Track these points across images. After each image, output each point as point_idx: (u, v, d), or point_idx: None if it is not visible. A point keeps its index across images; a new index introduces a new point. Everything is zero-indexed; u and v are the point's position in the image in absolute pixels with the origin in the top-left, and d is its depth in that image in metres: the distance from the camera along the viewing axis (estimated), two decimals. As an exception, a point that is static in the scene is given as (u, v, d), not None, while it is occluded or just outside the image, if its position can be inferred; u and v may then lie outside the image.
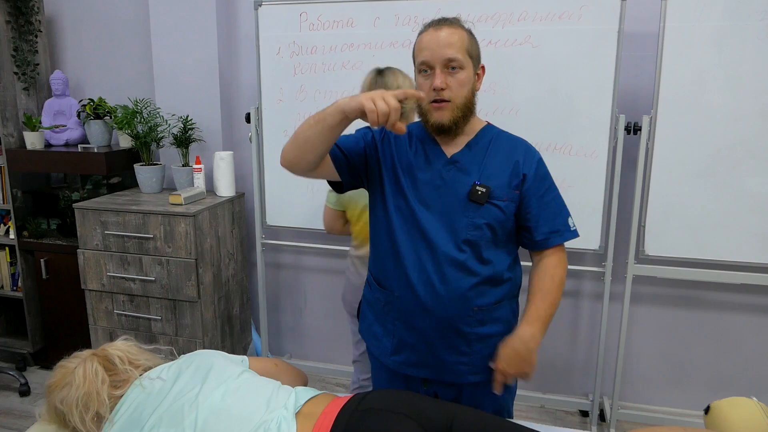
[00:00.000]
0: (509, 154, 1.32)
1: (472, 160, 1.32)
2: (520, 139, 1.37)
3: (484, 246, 1.30)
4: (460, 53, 1.24)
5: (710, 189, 2.09)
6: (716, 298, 2.38)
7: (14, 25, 2.66)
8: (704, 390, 2.48)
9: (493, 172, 1.30)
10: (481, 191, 1.28)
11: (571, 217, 1.37)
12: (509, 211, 1.31)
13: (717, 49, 1.99)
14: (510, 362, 1.28)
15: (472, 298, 1.30)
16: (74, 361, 1.26)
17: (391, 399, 1.18)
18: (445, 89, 1.24)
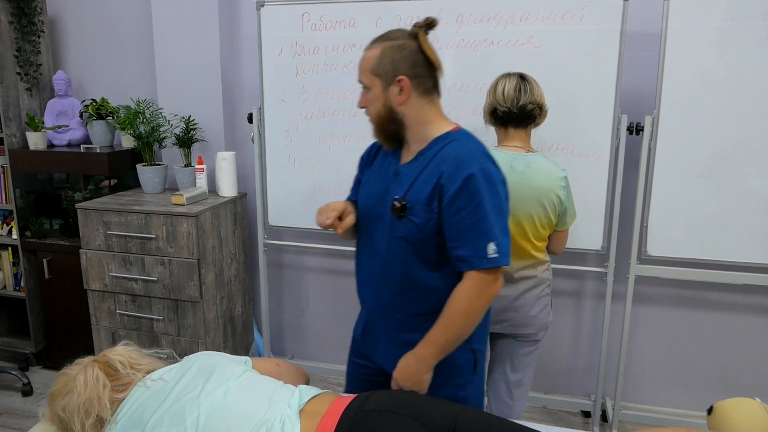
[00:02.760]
0: (437, 169, 1.26)
1: (411, 171, 1.31)
2: (463, 152, 1.25)
3: (408, 259, 1.31)
4: (364, 75, 1.30)
5: (713, 189, 2.08)
6: (719, 298, 2.38)
7: (17, 25, 2.66)
8: (707, 390, 2.48)
9: (420, 186, 1.28)
10: (397, 205, 1.29)
11: (497, 243, 1.21)
12: (428, 229, 1.27)
13: (719, 49, 1.99)
14: (403, 376, 1.33)
15: (396, 305, 1.36)
16: (75, 368, 1.27)
17: (394, 400, 1.18)
18: (364, 107, 1.34)
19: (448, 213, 1.24)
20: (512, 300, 1.75)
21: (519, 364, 1.84)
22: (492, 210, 1.22)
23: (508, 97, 1.70)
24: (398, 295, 1.35)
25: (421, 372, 1.30)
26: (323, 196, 2.48)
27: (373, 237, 1.39)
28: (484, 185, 1.22)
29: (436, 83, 1.32)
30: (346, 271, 2.78)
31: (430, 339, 1.28)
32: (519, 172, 1.69)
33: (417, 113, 1.30)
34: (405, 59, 1.27)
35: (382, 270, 1.36)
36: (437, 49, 2.25)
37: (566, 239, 1.85)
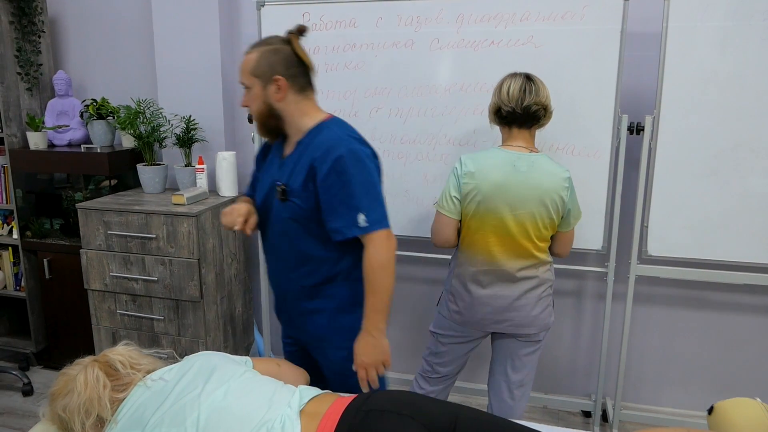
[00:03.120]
0: (312, 152, 1.43)
1: (292, 160, 1.48)
2: (332, 136, 1.42)
3: (298, 236, 1.49)
4: (244, 77, 1.46)
5: (713, 189, 2.08)
6: (719, 298, 2.38)
7: (17, 25, 2.67)
8: (707, 390, 2.48)
9: (298, 171, 1.45)
10: (279, 190, 1.47)
11: (366, 213, 1.39)
12: (309, 207, 1.44)
13: (720, 49, 1.99)
14: (364, 353, 1.43)
15: (296, 279, 1.53)
16: (76, 368, 1.27)
17: (394, 400, 1.18)
18: (247, 106, 1.49)
19: (321, 191, 1.41)
20: (514, 300, 1.75)
21: (520, 365, 1.84)
22: (359, 185, 1.39)
23: (512, 97, 1.70)
24: (296, 270, 1.52)
25: (379, 341, 1.42)
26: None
27: (270, 224, 1.55)
28: (352, 163, 1.39)
29: (310, 81, 1.49)
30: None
31: (369, 309, 1.42)
32: (522, 172, 1.69)
33: (294, 108, 1.47)
34: (280, 61, 1.43)
35: (280, 251, 1.54)
36: (437, 49, 2.27)
37: (571, 241, 1.85)
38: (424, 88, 2.27)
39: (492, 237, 1.73)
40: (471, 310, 1.79)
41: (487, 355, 2.66)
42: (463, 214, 1.77)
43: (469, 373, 2.71)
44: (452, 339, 1.88)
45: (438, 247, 1.86)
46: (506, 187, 1.69)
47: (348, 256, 1.51)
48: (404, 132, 2.33)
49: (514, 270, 1.74)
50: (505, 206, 1.70)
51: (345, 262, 1.51)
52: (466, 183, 1.73)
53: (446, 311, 1.86)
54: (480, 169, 1.72)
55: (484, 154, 1.75)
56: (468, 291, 1.79)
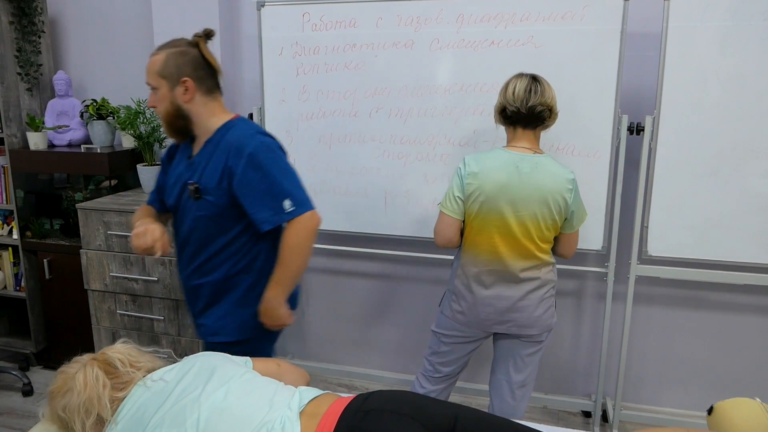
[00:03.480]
0: (223, 152, 1.49)
1: (202, 159, 1.53)
2: (241, 134, 1.49)
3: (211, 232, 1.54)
4: (151, 78, 1.49)
5: (713, 189, 2.08)
6: (719, 298, 2.38)
7: (17, 25, 2.67)
8: (707, 391, 2.48)
9: (211, 170, 1.50)
10: (192, 188, 1.52)
11: (291, 198, 1.46)
12: (222, 204, 1.50)
13: (720, 49, 1.99)
14: (265, 316, 1.56)
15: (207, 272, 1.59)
16: (75, 366, 1.26)
17: (394, 399, 1.18)
18: (152, 107, 1.53)
19: (241, 187, 1.46)
20: (516, 301, 1.75)
21: (522, 365, 1.84)
22: (278, 173, 1.46)
23: (517, 97, 1.70)
24: (210, 264, 1.58)
25: (276, 308, 1.54)
26: (324, 196, 2.48)
27: (183, 222, 1.60)
28: (265, 155, 1.46)
29: (217, 83, 1.54)
30: (347, 272, 2.78)
31: (275, 280, 1.51)
32: (524, 173, 1.69)
33: (201, 109, 1.52)
34: (188, 63, 1.48)
35: (192, 248, 1.59)
36: (437, 49, 2.27)
37: (576, 242, 1.84)
38: (424, 89, 2.27)
39: (497, 237, 1.73)
40: (474, 311, 1.79)
41: (488, 355, 2.65)
42: (466, 215, 1.77)
43: (471, 373, 2.71)
44: (454, 339, 1.88)
45: (441, 248, 1.86)
46: (509, 188, 1.69)
47: (261, 250, 1.59)
48: (404, 132, 2.33)
49: (518, 270, 1.74)
50: (507, 207, 1.70)
51: (256, 256, 1.59)
52: (470, 183, 1.73)
53: (449, 311, 1.86)
54: (483, 169, 1.72)
55: (488, 154, 1.75)
56: (471, 291, 1.79)
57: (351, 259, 2.76)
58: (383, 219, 2.44)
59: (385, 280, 2.75)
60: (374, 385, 2.79)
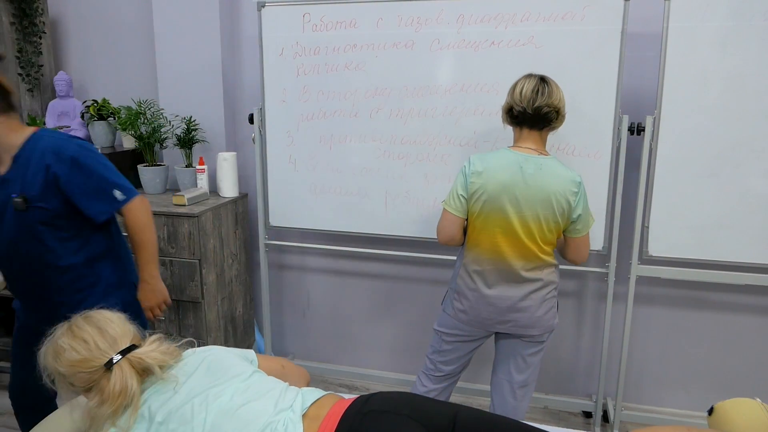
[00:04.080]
0: (41, 161, 1.54)
1: (17, 174, 1.55)
2: (56, 142, 1.56)
3: (49, 236, 1.59)
4: None
5: (714, 189, 2.08)
6: (720, 298, 2.38)
7: (18, 26, 2.67)
8: (708, 391, 2.48)
9: (32, 180, 1.54)
10: (19, 200, 1.55)
11: (118, 188, 1.61)
12: (53, 206, 1.56)
13: (720, 49, 1.98)
14: (146, 299, 1.70)
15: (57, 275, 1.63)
16: (100, 356, 1.18)
17: (393, 401, 1.19)
18: None
19: (71, 188, 1.55)
20: (517, 301, 1.75)
21: (524, 365, 1.84)
22: (102, 169, 1.59)
23: (524, 98, 1.71)
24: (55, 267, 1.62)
25: (156, 286, 1.68)
26: (324, 197, 2.48)
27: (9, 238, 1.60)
28: (86, 155, 1.57)
29: (10, 103, 1.55)
30: (347, 272, 2.79)
31: (143, 262, 1.65)
32: (528, 174, 1.69)
33: (1, 129, 1.53)
34: None
35: (32, 258, 1.61)
36: (438, 49, 2.27)
37: (586, 247, 1.81)
38: (424, 89, 2.27)
39: (500, 237, 1.73)
40: (475, 310, 1.80)
41: (489, 355, 2.66)
42: (469, 213, 1.78)
43: (472, 373, 2.71)
44: (456, 338, 1.88)
45: (443, 245, 1.87)
46: (511, 188, 1.70)
47: (101, 237, 1.69)
48: (405, 133, 2.33)
49: (520, 270, 1.74)
50: (509, 207, 1.71)
51: (101, 245, 1.69)
52: (473, 182, 1.73)
53: (451, 309, 1.87)
54: (487, 168, 1.72)
55: (493, 154, 1.76)
56: (472, 290, 1.79)
57: (351, 259, 2.76)
58: (383, 219, 2.44)
59: (386, 280, 2.75)
60: (375, 385, 2.79)
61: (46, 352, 1.22)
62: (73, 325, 1.23)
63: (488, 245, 1.76)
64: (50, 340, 1.23)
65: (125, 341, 1.21)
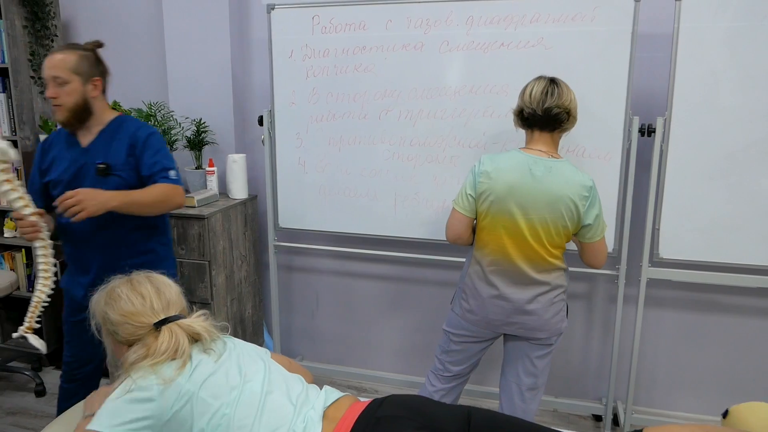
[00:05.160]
0: (125, 136, 1.82)
1: (101, 144, 1.81)
2: (138, 123, 1.87)
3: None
4: (63, 72, 1.72)
5: (725, 191, 2.07)
6: (732, 301, 2.36)
7: (31, 29, 2.70)
8: (720, 395, 2.46)
9: (116, 151, 1.80)
10: (102, 167, 1.77)
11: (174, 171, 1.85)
12: (128, 177, 1.80)
13: (731, 49, 1.97)
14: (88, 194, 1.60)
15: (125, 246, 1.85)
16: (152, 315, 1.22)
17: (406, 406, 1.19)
18: (56, 98, 1.73)
19: (142, 159, 1.81)
20: (525, 303, 1.75)
21: (532, 367, 1.83)
22: (166, 153, 1.85)
23: (534, 99, 1.70)
24: (123, 237, 1.83)
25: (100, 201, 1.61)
26: (333, 198, 2.49)
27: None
28: (158, 138, 1.86)
29: (106, 86, 1.87)
30: (356, 273, 2.79)
31: (125, 193, 1.68)
32: (536, 177, 1.69)
33: (101, 104, 1.84)
34: (95, 65, 1.82)
35: (100, 225, 1.79)
36: (447, 51, 2.27)
37: (601, 252, 1.79)
38: (433, 91, 2.28)
39: (506, 238, 1.73)
40: (483, 310, 1.80)
41: (498, 358, 2.65)
42: (477, 213, 1.78)
43: (481, 376, 2.70)
44: (464, 338, 1.88)
45: (451, 243, 1.87)
46: (519, 190, 1.69)
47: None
48: (414, 134, 2.33)
49: (527, 273, 1.74)
50: (516, 208, 1.70)
51: (155, 219, 1.90)
52: (482, 182, 1.74)
53: (459, 309, 1.87)
54: (496, 169, 1.72)
55: (504, 155, 1.76)
56: (480, 290, 1.79)
57: (360, 261, 2.76)
58: (393, 221, 2.44)
59: (395, 282, 2.75)
60: (383, 387, 2.78)
61: (99, 298, 1.27)
62: (134, 279, 1.28)
63: (495, 246, 1.76)
64: (106, 288, 1.28)
65: (176, 309, 1.26)
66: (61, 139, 1.88)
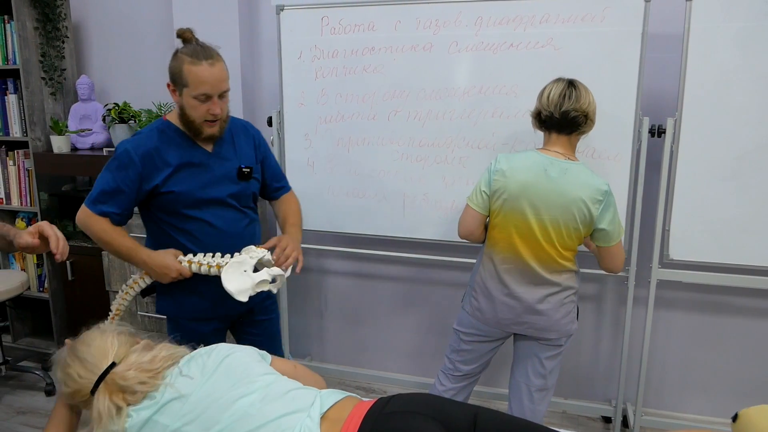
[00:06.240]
0: (245, 136, 1.79)
1: (229, 147, 1.74)
2: (245, 121, 1.84)
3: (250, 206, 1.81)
4: (227, 83, 1.63)
5: (736, 192, 2.05)
6: (743, 303, 2.34)
7: (42, 31, 2.72)
8: (730, 397, 2.44)
9: (245, 153, 1.77)
10: (246, 171, 1.74)
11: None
12: (260, 180, 1.82)
13: (742, 49, 1.96)
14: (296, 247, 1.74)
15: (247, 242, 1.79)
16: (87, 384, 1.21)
17: (414, 402, 1.19)
18: (220, 113, 1.62)
19: (267, 159, 1.85)
20: (535, 303, 1.74)
21: (541, 368, 1.83)
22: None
23: (551, 102, 1.70)
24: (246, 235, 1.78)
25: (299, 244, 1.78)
26: (342, 199, 2.49)
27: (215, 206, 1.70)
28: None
29: None
30: (365, 274, 2.79)
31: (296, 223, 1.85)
32: (551, 178, 1.69)
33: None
34: None
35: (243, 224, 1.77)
36: (456, 52, 2.27)
37: (619, 256, 1.78)
38: (442, 91, 2.27)
39: (516, 237, 1.73)
40: (492, 309, 1.80)
41: (508, 360, 2.64)
42: (490, 211, 1.79)
43: (490, 377, 2.69)
44: (474, 337, 1.88)
45: (462, 239, 1.88)
46: (532, 190, 1.69)
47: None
48: (423, 135, 2.33)
49: (538, 272, 1.73)
50: (529, 208, 1.70)
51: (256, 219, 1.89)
52: (496, 180, 1.74)
53: (469, 307, 1.87)
54: (511, 168, 1.73)
55: (520, 154, 1.76)
56: (491, 289, 1.79)
57: (369, 261, 2.76)
58: (401, 222, 2.44)
59: (404, 283, 2.75)
60: (393, 388, 2.78)
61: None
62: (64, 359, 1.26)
63: (505, 245, 1.76)
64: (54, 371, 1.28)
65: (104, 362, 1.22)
66: (169, 142, 1.66)
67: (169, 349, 1.28)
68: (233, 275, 1.60)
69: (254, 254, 1.64)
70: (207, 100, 1.58)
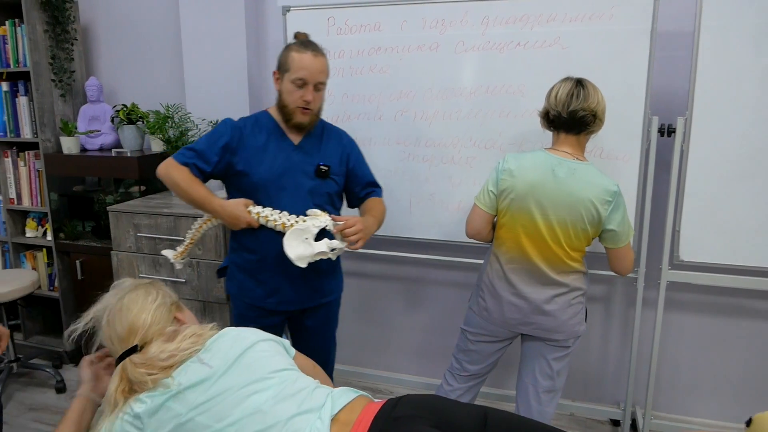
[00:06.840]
0: (336, 142, 1.85)
1: (312, 145, 1.81)
2: (340, 129, 1.91)
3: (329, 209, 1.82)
4: (325, 76, 1.73)
5: (747, 192, 2.02)
6: (755, 305, 2.31)
7: (51, 33, 2.75)
8: (742, 401, 2.40)
9: (329, 155, 1.82)
10: (324, 169, 1.78)
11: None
12: (341, 182, 1.86)
13: (754, 48, 1.93)
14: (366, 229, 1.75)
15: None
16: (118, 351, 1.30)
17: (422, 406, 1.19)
18: (311, 101, 1.70)
19: (357, 167, 1.89)
20: (541, 303, 1.73)
21: (548, 369, 1.81)
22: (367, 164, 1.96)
23: (559, 102, 1.69)
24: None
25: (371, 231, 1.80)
26: (348, 200, 2.49)
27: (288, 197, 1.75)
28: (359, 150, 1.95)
29: None
30: (371, 274, 2.78)
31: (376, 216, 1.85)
32: (559, 178, 1.67)
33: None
34: None
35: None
36: (463, 51, 2.25)
37: (627, 258, 1.77)
38: (449, 91, 2.26)
39: (523, 237, 1.72)
40: (499, 309, 1.79)
41: (516, 361, 2.62)
42: (498, 210, 1.78)
43: (497, 378, 2.68)
44: (481, 337, 1.87)
45: (470, 238, 1.87)
46: (540, 190, 1.68)
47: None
48: (429, 135, 2.32)
49: (545, 272, 1.72)
50: (536, 208, 1.69)
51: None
52: (504, 179, 1.73)
53: (476, 307, 1.86)
54: (519, 167, 1.72)
55: (528, 154, 1.75)
56: (498, 288, 1.78)
57: (375, 262, 2.76)
58: (408, 222, 2.43)
59: (410, 283, 2.74)
60: (399, 389, 2.78)
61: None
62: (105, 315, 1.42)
63: (512, 244, 1.75)
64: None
65: (132, 339, 1.30)
66: (261, 128, 1.79)
67: (192, 336, 1.27)
68: (295, 241, 1.66)
69: (318, 222, 1.68)
70: (303, 86, 1.68)
